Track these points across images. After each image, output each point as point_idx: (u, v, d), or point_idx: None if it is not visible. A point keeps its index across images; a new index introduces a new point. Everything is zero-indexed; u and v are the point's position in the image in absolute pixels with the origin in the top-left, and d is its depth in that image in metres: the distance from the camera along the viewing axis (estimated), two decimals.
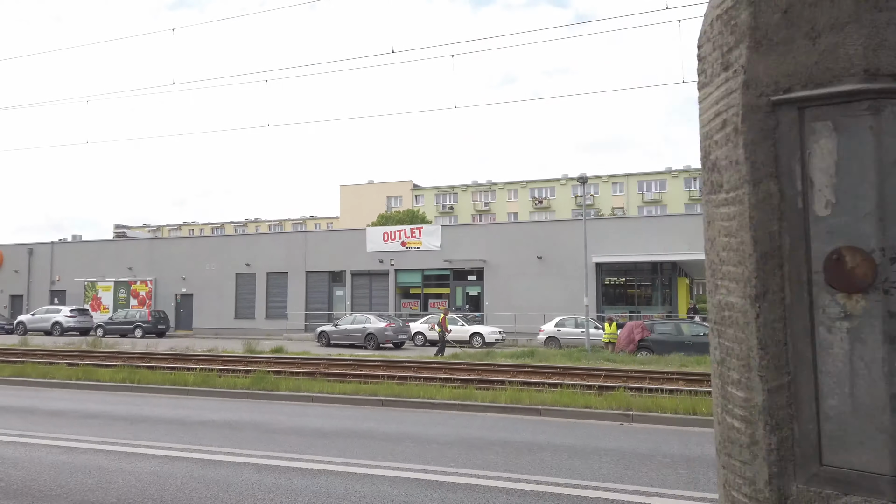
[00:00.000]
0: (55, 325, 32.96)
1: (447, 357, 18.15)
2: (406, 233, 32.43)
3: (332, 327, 26.14)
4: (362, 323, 25.11)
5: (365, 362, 13.73)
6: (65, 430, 6.98)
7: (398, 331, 24.90)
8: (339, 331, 25.63)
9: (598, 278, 28.41)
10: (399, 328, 25.14)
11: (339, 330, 25.63)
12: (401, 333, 25.07)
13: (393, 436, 6.62)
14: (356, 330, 24.95)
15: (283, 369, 11.16)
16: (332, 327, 26.14)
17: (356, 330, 24.95)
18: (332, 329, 26.01)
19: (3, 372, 11.63)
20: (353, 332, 24.98)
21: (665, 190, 62.15)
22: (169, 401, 9.50)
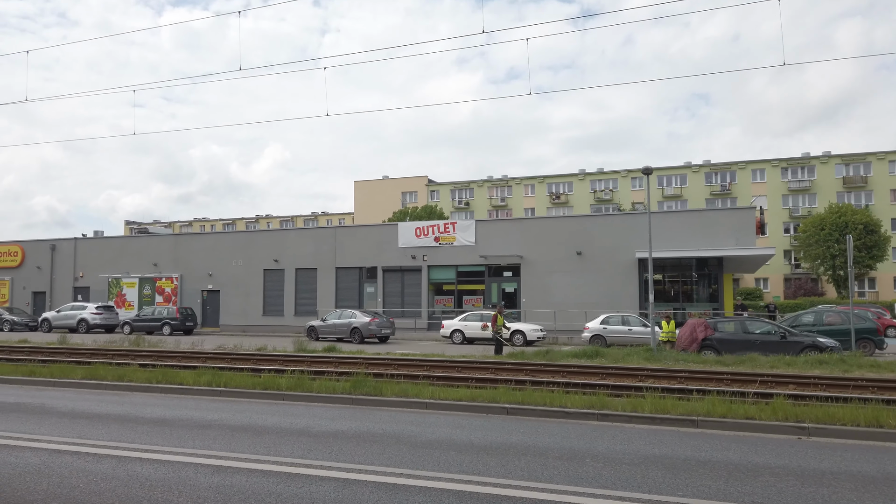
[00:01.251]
0: (81, 322, 32.43)
1: (506, 356, 17.56)
2: (439, 228, 31.80)
3: (321, 322, 27.49)
4: (348, 318, 26.70)
5: (436, 363, 13.12)
6: (213, 446, 6.43)
7: (382, 326, 26.49)
8: (326, 325, 27.05)
9: (640, 275, 27.77)
10: (383, 323, 26.63)
11: (327, 325, 27.05)
12: (384, 328, 26.66)
13: (566, 453, 6.00)
14: (342, 325, 26.50)
15: (381, 371, 10.51)
16: (321, 322, 27.49)
17: (342, 325, 26.50)
18: (319, 324, 27.41)
19: (74, 374, 11.04)
20: (340, 326, 26.50)
21: (685, 185, 61.45)
22: (269, 407, 8.89)
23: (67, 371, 11.27)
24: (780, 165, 58.86)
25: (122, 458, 5.90)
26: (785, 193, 58.33)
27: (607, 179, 64.61)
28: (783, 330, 18.26)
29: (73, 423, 7.63)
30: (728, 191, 59.46)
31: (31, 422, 7.69)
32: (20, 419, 7.87)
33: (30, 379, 11.03)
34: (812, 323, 21.13)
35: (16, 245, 38.00)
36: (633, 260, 27.68)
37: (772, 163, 59.12)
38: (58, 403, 9.13)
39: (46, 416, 8.09)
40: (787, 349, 17.23)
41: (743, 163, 60.05)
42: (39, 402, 9.16)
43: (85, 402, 9.21)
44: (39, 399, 9.54)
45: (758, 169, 59.76)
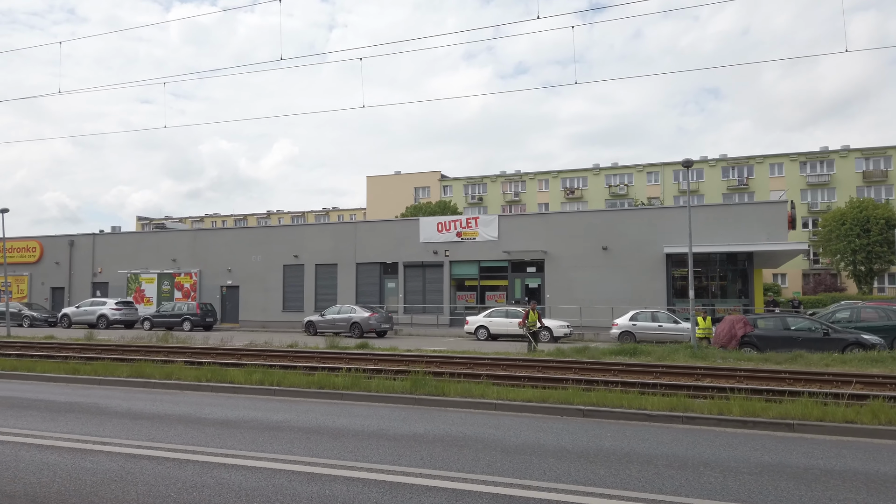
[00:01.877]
0: (101, 318, 32.29)
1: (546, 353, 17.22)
2: (461, 223, 31.44)
3: (319, 317, 27.79)
4: (347, 313, 27.16)
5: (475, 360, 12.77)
6: (294, 450, 6.10)
7: (381, 321, 26.76)
8: (325, 320, 27.39)
9: (667, 270, 27.35)
10: (382, 318, 26.95)
11: (326, 320, 27.41)
12: (384, 323, 26.85)
13: (674, 460, 5.65)
14: (342, 319, 26.97)
15: (437, 370, 10.15)
16: (319, 317, 27.79)
17: (342, 319, 26.97)
18: (318, 319, 27.72)
19: (119, 371, 10.75)
20: (339, 321, 26.94)
21: (702, 179, 60.80)
22: (330, 407, 8.58)
23: (111, 368, 10.98)
24: (798, 160, 58.14)
25: (204, 463, 5.59)
26: (803, 188, 57.63)
27: (622, 174, 64.03)
28: (825, 327, 17.84)
29: (135, 424, 7.34)
30: (745, 185, 58.81)
31: (92, 423, 7.41)
32: (79, 420, 7.59)
33: (74, 377, 10.76)
34: (848, 319, 20.65)
35: (34, 240, 37.89)
36: (660, 255, 27.26)
37: (790, 157, 58.40)
38: (111, 403, 8.85)
39: (105, 417, 7.81)
40: (830, 346, 16.81)
41: (760, 157, 59.37)
42: (92, 402, 8.88)
43: (139, 402, 8.93)
44: (90, 398, 9.26)
45: (776, 163, 59.06)
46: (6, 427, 7.12)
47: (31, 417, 7.74)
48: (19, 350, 15.87)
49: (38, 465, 5.52)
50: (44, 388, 10.14)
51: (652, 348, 17.09)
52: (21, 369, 11.33)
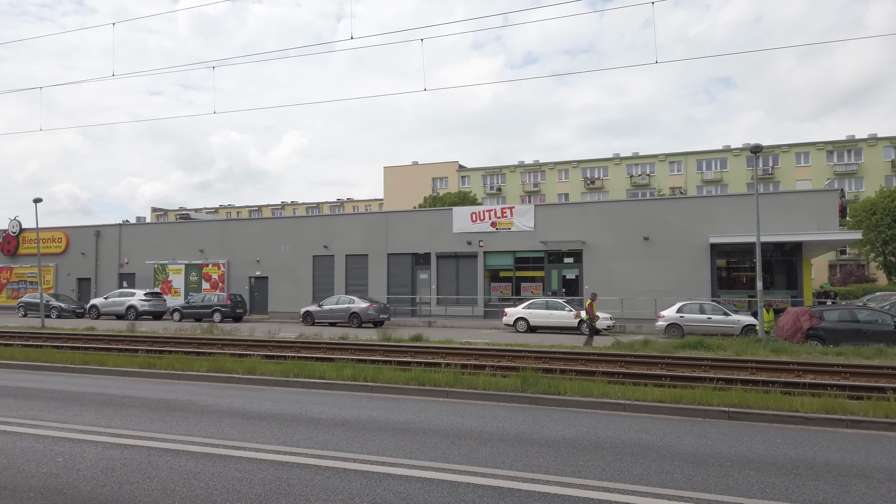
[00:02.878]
0: (130, 309, 31.97)
1: (612, 347, 16.67)
2: (496, 213, 30.84)
3: (317, 308, 28.26)
4: (346, 304, 27.71)
5: (541, 354, 12.23)
6: (451, 458, 5.62)
7: (380, 311, 27.38)
8: (323, 311, 27.96)
9: (711, 260, 26.71)
10: (381, 308, 27.55)
11: (324, 310, 27.97)
12: (382, 313, 27.50)
13: (890, 473, 5.11)
14: (340, 310, 27.55)
15: (545, 366, 9.63)
16: (317, 308, 28.26)
17: (340, 310, 27.55)
18: (316, 309, 28.20)
19: (198, 366, 10.26)
20: (338, 311, 27.57)
21: (726, 169, 59.92)
22: (441, 406, 8.06)
23: (186, 363, 10.50)
24: (825, 149, 57.17)
25: (365, 473, 5.08)
26: (830, 177, 56.59)
27: (644, 163, 63.18)
28: None
29: (252, 425, 6.84)
30: (771, 175, 57.93)
31: (204, 423, 6.92)
32: (188, 420, 7.10)
33: (149, 371, 10.29)
34: None
35: (60, 231, 37.53)
36: (704, 245, 26.61)
37: (816, 146, 57.44)
38: (206, 400, 8.37)
39: (213, 416, 7.32)
40: None
41: (786, 146, 58.41)
42: (186, 399, 8.41)
43: (235, 399, 8.44)
44: (179, 394, 8.78)
45: (802, 152, 58.10)
46: (116, 428, 6.64)
47: (132, 416, 7.26)
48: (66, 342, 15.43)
49: (185, 474, 5.03)
50: (124, 384, 9.68)
51: (719, 342, 16.49)
52: (91, 363, 10.89)
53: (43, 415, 7.28)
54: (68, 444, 5.92)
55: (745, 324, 22.02)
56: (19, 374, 10.65)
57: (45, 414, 7.33)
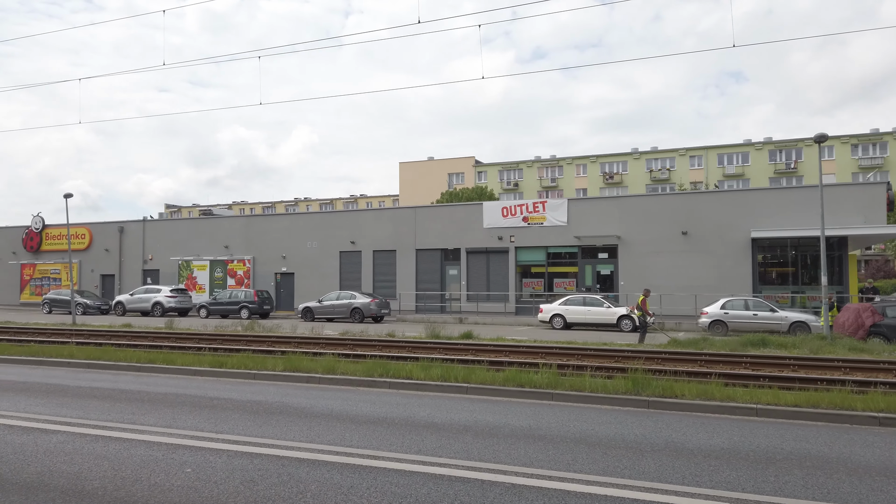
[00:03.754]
0: (156, 306, 31.62)
1: (669, 345, 16.17)
2: (528, 207, 30.31)
3: (317, 303, 28.30)
4: (347, 299, 27.78)
5: (600, 353, 11.73)
6: (617, 471, 5.12)
7: (381, 306, 27.55)
8: (323, 307, 28.02)
9: (753, 255, 26.13)
10: (382, 304, 27.75)
11: (324, 306, 28.03)
12: (383, 308, 27.65)
13: None
14: (342, 305, 27.60)
15: (655, 367, 9.10)
16: (317, 303, 28.30)
17: (342, 305, 27.60)
18: (316, 305, 28.25)
19: (271, 365, 9.80)
20: (339, 307, 27.61)
21: (747, 163, 59.11)
22: (550, 410, 7.57)
23: (259, 362, 10.04)
24: (849, 142, 56.32)
25: (540, 489, 4.60)
26: (855, 171, 55.85)
27: (663, 158, 62.42)
28: None
29: (371, 431, 6.38)
30: (794, 169, 57.12)
31: (318, 429, 6.46)
32: (295, 425, 6.64)
33: (220, 370, 9.84)
34: None
35: (83, 227, 37.21)
36: (746, 240, 26.03)
37: (841, 139, 56.57)
38: (299, 402, 7.90)
39: (318, 421, 6.86)
40: None
41: (809, 139, 57.46)
42: (277, 401, 7.95)
43: (327, 401, 7.97)
44: (267, 396, 8.31)
45: (826, 146, 57.06)
46: (225, 433, 6.19)
47: (234, 420, 6.80)
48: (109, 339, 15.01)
49: (338, 489, 4.57)
50: (200, 384, 9.22)
51: (784, 340, 15.96)
52: (158, 362, 10.45)
53: (138, 418, 6.85)
54: (187, 452, 5.48)
55: (792, 320, 21.47)
56: (86, 374, 10.22)
57: (140, 417, 6.89)
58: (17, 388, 8.76)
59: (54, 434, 6.07)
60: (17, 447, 5.60)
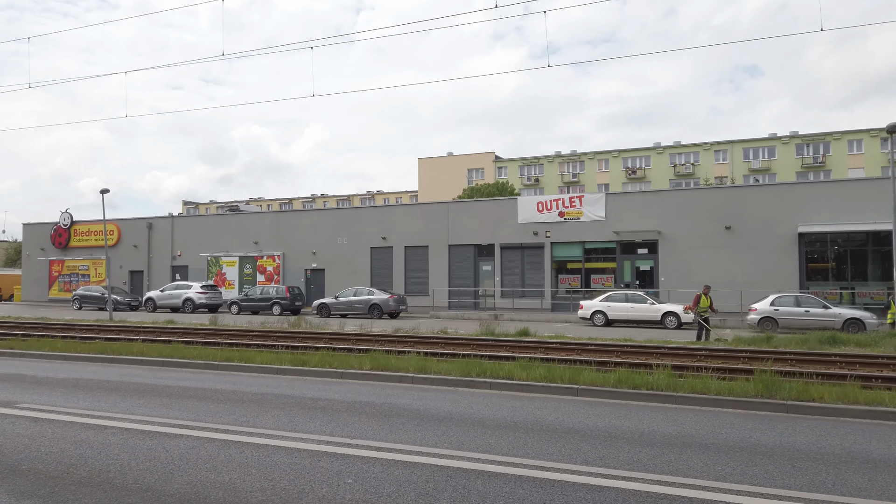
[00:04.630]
0: (187, 302, 31.42)
1: (732, 342, 15.68)
2: (564, 202, 29.80)
3: (333, 300, 28.42)
4: (365, 295, 27.90)
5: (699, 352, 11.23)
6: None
7: (399, 302, 27.73)
8: (339, 303, 28.12)
9: (800, 251, 25.49)
10: (400, 300, 27.88)
11: (341, 302, 28.12)
12: (401, 305, 27.84)
13: None
14: (359, 301, 27.68)
15: (788, 368, 8.60)
16: (333, 300, 28.42)
17: (359, 301, 27.68)
18: (332, 301, 28.37)
19: (359, 364, 9.39)
20: (356, 303, 27.68)
21: (773, 157, 58.23)
22: (678, 415, 7.11)
23: (342, 360, 9.64)
24: (879, 135, 55.27)
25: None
26: (885, 165, 54.78)
27: (687, 153, 61.64)
28: None
29: (514, 437, 5.96)
30: (822, 163, 56.21)
31: (453, 433, 6.05)
32: (424, 429, 6.23)
33: (304, 369, 9.45)
34: None
35: (111, 223, 37.03)
36: (792, 234, 25.42)
37: (870, 133, 55.59)
38: (403, 402, 7.49)
39: (447, 424, 6.45)
40: None
41: (838, 133, 56.61)
42: (382, 402, 7.54)
43: (437, 402, 7.54)
44: (370, 396, 7.90)
45: (854, 139, 56.30)
46: (358, 438, 5.78)
47: (357, 424, 6.39)
48: (170, 336, 14.68)
49: None
50: (288, 383, 8.82)
51: (856, 338, 15.41)
52: (235, 360, 10.07)
53: (254, 420, 6.45)
54: (335, 461, 5.07)
55: (846, 317, 20.87)
56: (164, 372, 9.83)
57: (255, 419, 6.49)
58: (105, 388, 8.40)
59: (179, 438, 5.69)
60: (147, 453, 5.22)
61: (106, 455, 5.16)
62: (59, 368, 10.15)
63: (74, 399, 7.52)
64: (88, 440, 5.63)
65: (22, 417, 6.44)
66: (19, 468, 4.84)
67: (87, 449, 5.34)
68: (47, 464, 4.93)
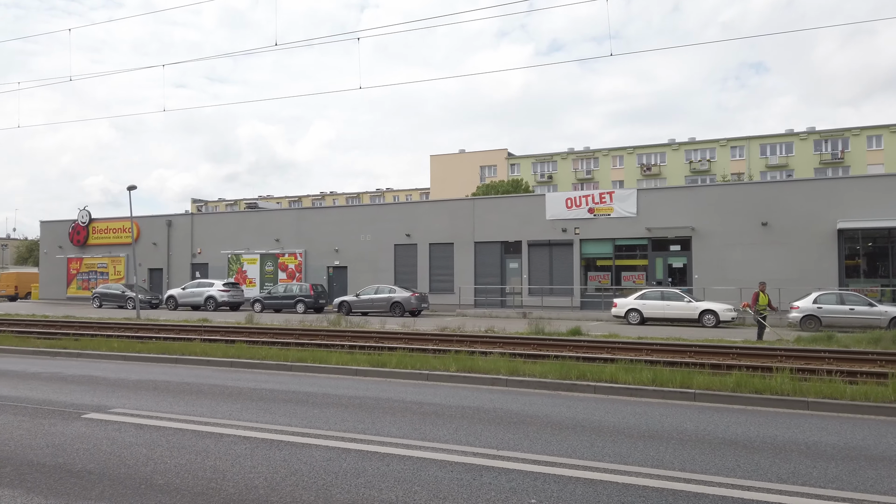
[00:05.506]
0: (209, 300, 31.01)
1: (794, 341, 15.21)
2: (594, 198, 29.30)
3: (354, 297, 28.23)
4: (387, 293, 27.63)
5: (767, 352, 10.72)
6: None
7: (421, 300, 27.39)
8: (361, 301, 27.87)
9: (840, 248, 24.99)
10: (422, 298, 27.59)
11: (362, 300, 27.87)
12: (423, 303, 27.50)
13: None
14: (381, 299, 27.42)
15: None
16: (354, 297, 28.23)
17: (381, 299, 27.42)
18: (353, 299, 28.16)
19: (445, 365, 8.92)
20: (378, 301, 27.42)
21: (792, 154, 57.66)
22: (822, 422, 6.67)
23: (422, 361, 9.17)
24: None
25: None
26: None
27: (703, 149, 61.07)
28: None
29: (660, 447, 5.51)
30: (840, 159, 55.64)
31: (601, 443, 5.60)
32: (554, 436, 5.80)
33: (384, 370, 8.96)
34: None
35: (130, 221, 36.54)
36: (831, 231, 24.91)
37: (889, 128, 55.02)
38: (514, 407, 7.02)
39: (577, 433, 6.01)
40: None
41: (857, 129, 56.03)
42: (493, 406, 7.08)
43: (553, 408, 7.07)
44: (471, 401, 7.45)
45: (874, 135, 55.71)
46: (507, 450, 5.33)
47: (490, 433, 5.93)
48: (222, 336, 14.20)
49: None
50: (379, 385, 8.33)
51: None
52: (308, 360, 9.61)
53: (372, 427, 5.98)
54: (499, 475, 4.60)
55: (893, 315, 20.40)
56: (237, 374, 9.35)
57: (373, 426, 6.02)
58: (188, 390, 7.94)
59: (309, 449, 5.23)
60: (286, 465, 4.77)
61: (241, 467, 4.71)
62: (126, 369, 9.70)
63: (165, 403, 7.07)
64: (211, 450, 5.18)
65: (125, 424, 5.99)
66: (154, 482, 4.40)
67: (216, 460, 4.89)
68: (182, 478, 4.48)
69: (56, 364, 10.39)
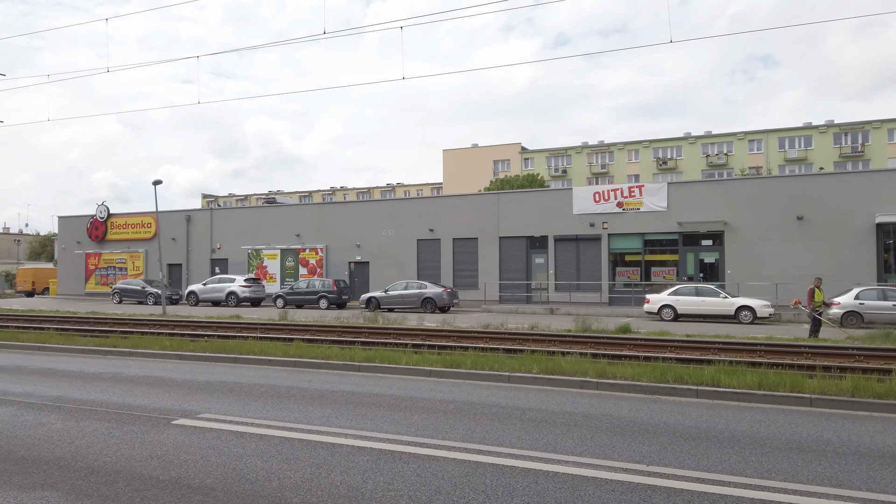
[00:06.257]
0: (230, 296, 30.64)
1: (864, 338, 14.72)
2: (623, 192, 28.78)
3: (383, 293, 27.86)
4: (418, 289, 27.33)
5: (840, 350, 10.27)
6: None
7: (453, 296, 27.08)
8: (390, 296, 27.50)
9: (878, 242, 24.46)
10: (453, 294, 27.29)
11: (391, 296, 27.51)
12: (454, 298, 27.22)
13: None
14: (412, 295, 27.11)
15: None
16: (383, 293, 27.86)
17: (412, 295, 27.11)
18: (382, 295, 27.75)
19: (523, 366, 8.49)
20: (409, 297, 27.12)
21: (811, 147, 56.93)
22: None
23: (497, 362, 8.73)
24: None
25: None
26: None
27: (720, 142, 60.39)
28: None
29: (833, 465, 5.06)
30: (861, 153, 54.91)
31: (750, 457, 5.16)
32: (696, 448, 5.35)
33: (458, 371, 8.54)
34: None
35: (149, 216, 36.22)
36: (869, 225, 24.39)
37: None
38: (625, 414, 6.58)
39: (724, 447, 5.56)
40: None
41: (878, 122, 55.26)
42: (606, 413, 6.64)
43: (661, 414, 6.65)
44: (568, 406, 7.02)
45: (892, 129, 54.92)
46: (656, 465, 4.89)
47: (614, 443, 5.50)
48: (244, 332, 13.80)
49: None
50: (460, 388, 7.87)
51: None
52: (377, 360, 9.18)
53: (488, 436, 5.55)
54: (653, 494, 4.18)
55: None
56: (302, 374, 8.89)
57: (488, 435, 5.59)
58: (266, 393, 7.49)
59: (439, 462, 4.78)
60: (417, 479, 4.34)
61: (375, 483, 4.29)
62: (186, 370, 9.29)
63: (251, 407, 6.65)
64: (329, 462, 4.75)
65: (223, 432, 5.57)
66: (288, 499, 3.98)
67: (343, 475, 4.46)
68: (318, 496, 4.05)
69: (111, 363, 9.99)
